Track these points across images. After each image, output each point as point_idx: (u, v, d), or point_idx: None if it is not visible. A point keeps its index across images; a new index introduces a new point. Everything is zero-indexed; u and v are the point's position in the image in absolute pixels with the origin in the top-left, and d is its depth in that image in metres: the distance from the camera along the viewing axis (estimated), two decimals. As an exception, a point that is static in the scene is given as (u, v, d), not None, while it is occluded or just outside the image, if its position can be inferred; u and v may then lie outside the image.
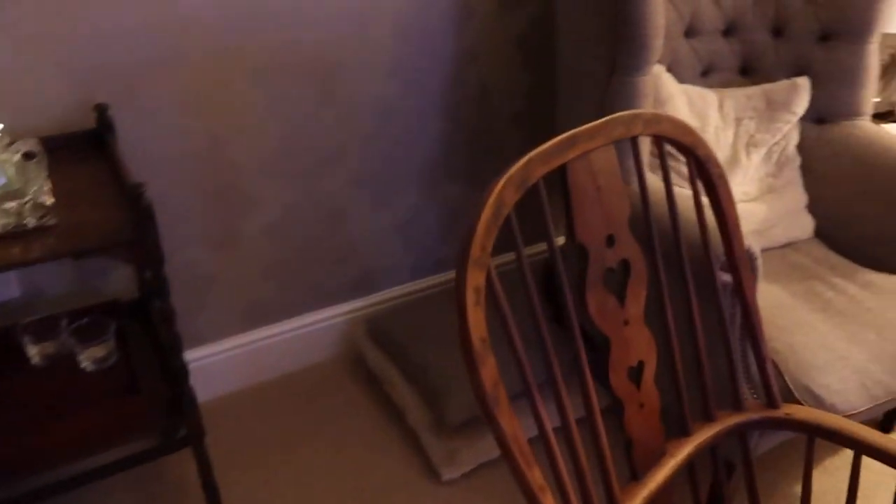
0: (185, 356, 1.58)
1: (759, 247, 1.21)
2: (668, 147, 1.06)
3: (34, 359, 1.28)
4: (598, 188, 0.79)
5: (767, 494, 1.53)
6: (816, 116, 1.66)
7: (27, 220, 1.02)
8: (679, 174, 1.51)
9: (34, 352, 1.27)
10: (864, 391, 1.25)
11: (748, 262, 0.97)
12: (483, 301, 0.64)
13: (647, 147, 1.53)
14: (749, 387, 1.27)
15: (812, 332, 1.32)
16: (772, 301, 1.40)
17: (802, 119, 1.64)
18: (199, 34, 1.35)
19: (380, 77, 1.60)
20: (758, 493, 0.99)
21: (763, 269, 1.51)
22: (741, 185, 1.60)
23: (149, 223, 1.00)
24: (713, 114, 1.59)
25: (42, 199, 1.04)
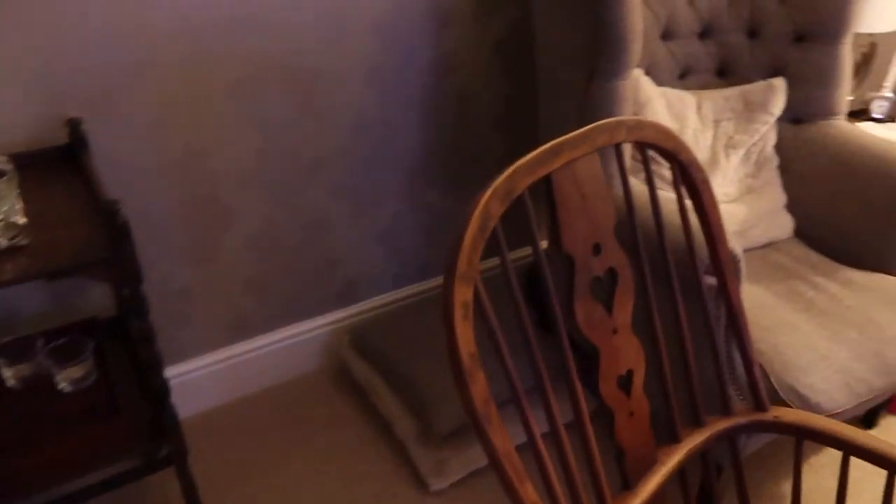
0: (166, 372, 1.55)
1: (741, 248, 1.21)
2: (651, 152, 1.06)
3: (9, 381, 1.25)
4: (584, 196, 0.78)
5: (755, 494, 1.54)
6: (793, 117, 1.68)
7: (-2, 241, 1.00)
8: (661, 178, 1.51)
9: (9, 374, 1.24)
10: (848, 390, 1.26)
11: (732, 265, 0.97)
12: (471, 315, 0.63)
13: (629, 150, 1.53)
14: (735, 387, 1.28)
15: (795, 332, 1.32)
16: (755, 302, 1.41)
17: (780, 119, 1.65)
18: (173, 45, 1.33)
19: (358, 85, 1.58)
20: (748, 495, 0.99)
21: (745, 270, 1.52)
22: (721, 187, 1.60)
23: (125, 241, 0.98)
24: (692, 116, 1.59)
25: (14, 219, 1.01)
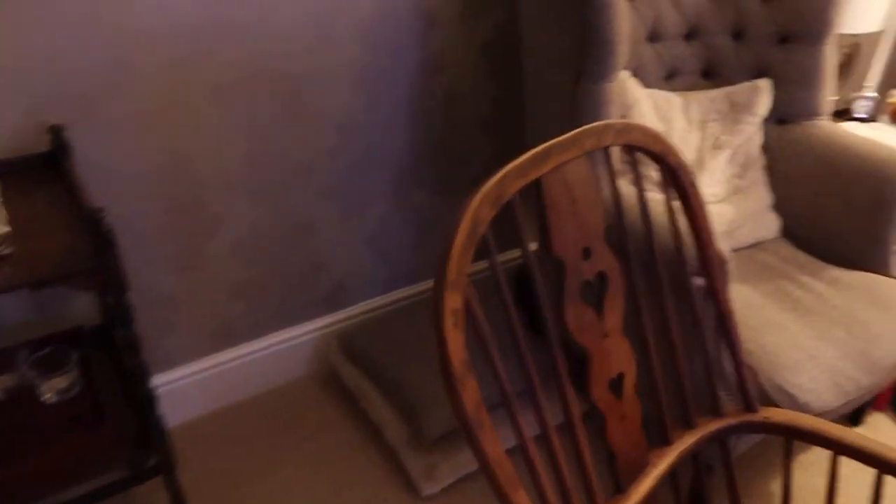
0: (153, 381, 1.53)
1: (729, 248, 1.21)
2: (639, 154, 1.06)
3: (-7, 393, 1.23)
4: (573, 200, 0.78)
5: (745, 493, 1.55)
6: (778, 117, 1.69)
7: (-19, 251, 0.98)
8: (649, 179, 1.52)
9: (-8, 386, 1.22)
10: (836, 388, 1.27)
11: (721, 266, 0.98)
12: (462, 322, 0.63)
13: (618, 152, 1.53)
14: (724, 388, 1.28)
15: (783, 332, 1.33)
16: (743, 302, 1.41)
17: (766, 120, 1.66)
18: (155, 50, 1.31)
19: (345, 88, 1.58)
20: (739, 495, 0.99)
21: (733, 271, 1.52)
22: (708, 187, 1.61)
23: (110, 249, 0.97)
24: (679, 117, 1.60)
25: (-4, 228, 1.00)
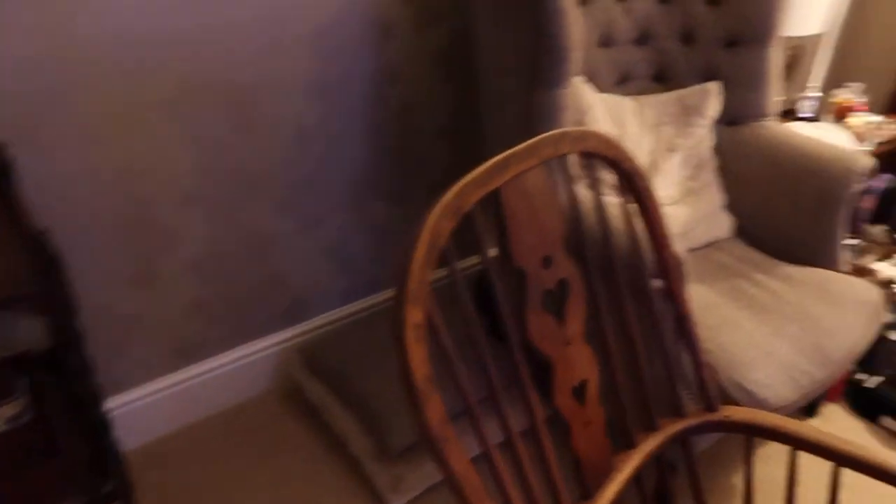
0: (109, 403, 1.48)
1: (685, 249, 1.24)
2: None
3: (-64, 424, 1.17)
4: (532, 209, 0.78)
5: (708, 488, 1.57)
6: (728, 119, 1.73)
7: (-83, 277, 0.93)
8: (606, 182, 1.53)
9: (-65, 417, 1.17)
10: (792, 383, 1.30)
11: (677, 267, 0.99)
12: (424, 335, 0.62)
13: (574, 158, 1.54)
14: (685, 388, 1.30)
15: (739, 330, 1.36)
16: (700, 301, 1.44)
17: (717, 122, 1.70)
18: (100, 62, 1.27)
19: (299, 100, 1.56)
20: (703, 492, 1.01)
21: (690, 271, 1.55)
22: (663, 189, 1.64)
23: (56, 271, 0.93)
24: (632, 121, 1.62)
25: (-67, 253, 0.96)
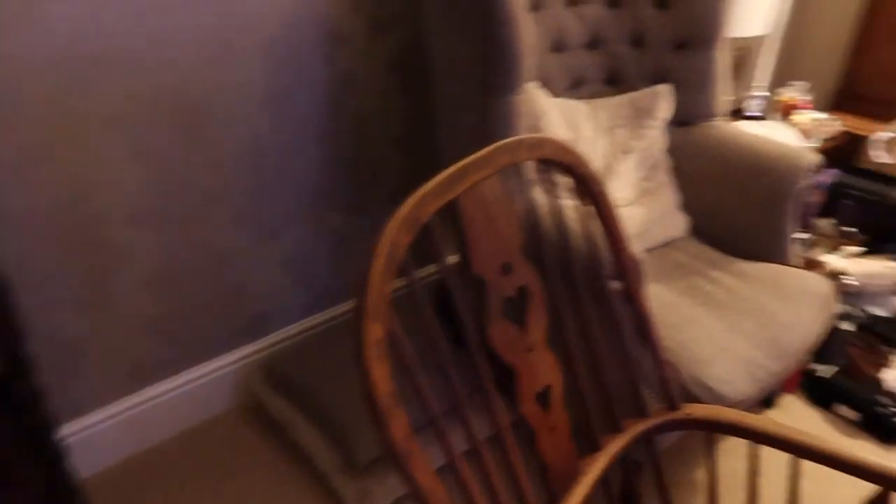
0: (64, 429, 1.43)
1: (642, 249, 1.25)
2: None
3: None
4: (490, 218, 0.78)
5: (672, 484, 1.59)
6: (680, 120, 1.77)
7: None
8: (563, 185, 1.55)
9: None
10: (750, 377, 1.33)
11: (635, 268, 1.00)
12: (385, 352, 0.62)
13: (531, 163, 1.55)
14: (646, 386, 1.32)
15: (698, 327, 1.38)
16: (659, 301, 1.46)
17: (670, 123, 1.73)
18: (42, 79, 1.23)
19: (250, 111, 1.53)
20: (668, 490, 1.02)
21: (647, 270, 1.57)
22: (619, 191, 1.66)
23: (1, 298, 0.90)
24: (586, 125, 1.64)
25: None
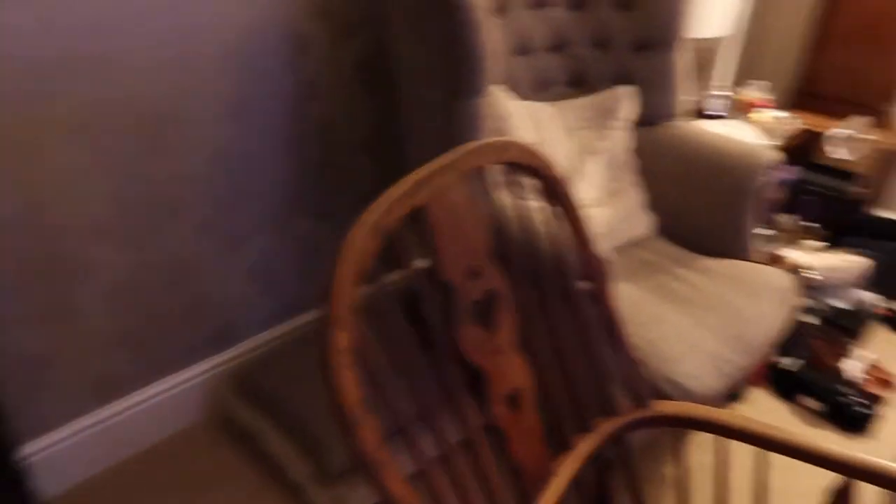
0: (28, 448, 1.40)
1: (610, 248, 1.27)
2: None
3: None
4: (457, 223, 0.78)
5: (644, 479, 1.61)
6: (644, 120, 1.79)
7: None
8: (528, 187, 1.55)
9: None
10: (718, 372, 1.35)
11: (603, 268, 1.01)
12: (352, 361, 0.61)
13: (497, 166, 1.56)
14: (616, 385, 1.33)
15: (665, 324, 1.40)
16: (628, 299, 1.48)
17: (636, 124, 1.75)
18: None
19: (214, 120, 1.51)
20: (640, 487, 1.03)
21: (615, 270, 1.59)
22: (585, 192, 1.68)
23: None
24: (551, 126, 1.66)
25: None
